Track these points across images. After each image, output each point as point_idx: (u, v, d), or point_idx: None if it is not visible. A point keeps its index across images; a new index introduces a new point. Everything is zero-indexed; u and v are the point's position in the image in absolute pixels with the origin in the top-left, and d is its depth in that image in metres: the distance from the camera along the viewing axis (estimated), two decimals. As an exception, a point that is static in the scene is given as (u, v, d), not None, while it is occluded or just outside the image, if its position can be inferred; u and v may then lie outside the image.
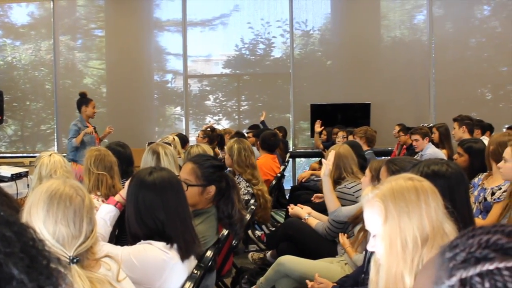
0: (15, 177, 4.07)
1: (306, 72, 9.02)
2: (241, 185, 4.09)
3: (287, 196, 6.36)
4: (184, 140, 5.63)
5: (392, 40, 9.11)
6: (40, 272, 0.68)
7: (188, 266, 2.10)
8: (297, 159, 9.20)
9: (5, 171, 4.09)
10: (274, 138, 5.49)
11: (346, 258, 3.07)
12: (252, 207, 3.70)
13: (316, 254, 3.29)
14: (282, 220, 5.18)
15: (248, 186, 4.19)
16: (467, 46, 8.86)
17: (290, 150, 8.59)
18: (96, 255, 1.58)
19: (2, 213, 0.70)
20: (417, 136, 5.56)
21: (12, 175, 4.06)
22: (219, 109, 9.41)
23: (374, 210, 1.46)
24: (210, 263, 2.38)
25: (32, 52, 9.42)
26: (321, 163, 3.78)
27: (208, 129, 7.01)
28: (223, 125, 8.97)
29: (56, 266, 0.72)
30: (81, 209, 1.50)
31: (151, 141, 5.20)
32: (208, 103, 9.44)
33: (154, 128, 9.43)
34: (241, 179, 4.20)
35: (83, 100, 6.17)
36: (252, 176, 4.26)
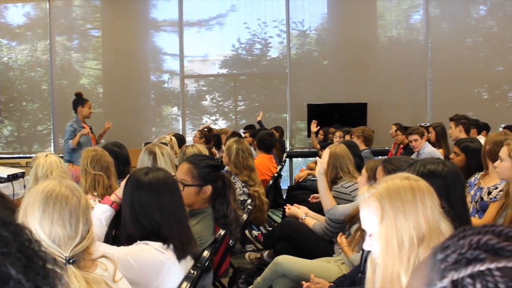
0: (12, 178, 4.06)
1: (303, 72, 9.02)
2: (237, 185, 4.08)
3: (284, 196, 6.36)
4: (182, 140, 5.62)
5: (389, 40, 9.12)
6: (37, 273, 0.68)
7: (185, 266, 2.10)
8: (294, 159, 9.21)
9: (1, 172, 4.06)
10: (271, 138, 5.49)
11: (343, 258, 3.06)
12: (249, 207, 3.70)
13: (313, 254, 3.28)
14: (279, 220, 5.17)
15: (244, 187, 4.18)
16: (464, 46, 8.88)
17: (287, 150, 8.59)
18: (93, 256, 1.58)
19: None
20: (416, 136, 5.57)
21: (9, 176, 4.04)
22: (216, 109, 9.40)
23: (371, 210, 1.46)
24: (207, 263, 2.38)
25: (28, 53, 9.39)
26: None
27: (205, 129, 6.99)
28: (220, 125, 8.97)
29: (53, 267, 0.72)
30: (77, 210, 1.50)
31: (148, 141, 5.19)
32: (205, 103, 9.44)
33: (151, 128, 9.42)
34: (237, 180, 4.19)
35: (79, 101, 6.15)
36: (249, 178, 4.25)
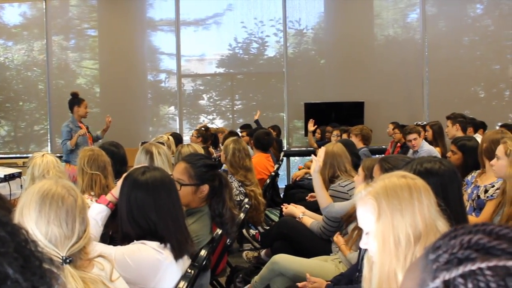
0: (8, 178, 4.04)
1: (300, 71, 9.03)
2: (233, 185, 4.07)
3: (282, 195, 6.37)
4: (179, 140, 5.61)
5: (386, 39, 9.13)
6: (34, 272, 0.68)
7: (182, 266, 2.10)
8: (291, 158, 9.21)
9: (-2, 172, 4.06)
10: (268, 137, 5.49)
11: (341, 256, 3.07)
12: (246, 206, 3.69)
13: (311, 253, 3.29)
14: (277, 219, 5.17)
15: (241, 186, 4.18)
16: (460, 45, 8.90)
17: (284, 149, 8.60)
18: (89, 255, 1.58)
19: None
20: (415, 135, 5.58)
21: (5, 176, 4.02)
22: (213, 109, 9.40)
23: (367, 208, 1.46)
24: (204, 262, 2.38)
25: (25, 53, 9.38)
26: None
27: (202, 129, 6.99)
28: (217, 124, 8.97)
29: (49, 267, 0.72)
30: (74, 209, 1.50)
31: (145, 141, 5.18)
32: (202, 103, 9.44)
33: (148, 128, 9.41)
34: (233, 179, 4.18)
35: (75, 100, 6.13)
36: (245, 178, 4.24)
